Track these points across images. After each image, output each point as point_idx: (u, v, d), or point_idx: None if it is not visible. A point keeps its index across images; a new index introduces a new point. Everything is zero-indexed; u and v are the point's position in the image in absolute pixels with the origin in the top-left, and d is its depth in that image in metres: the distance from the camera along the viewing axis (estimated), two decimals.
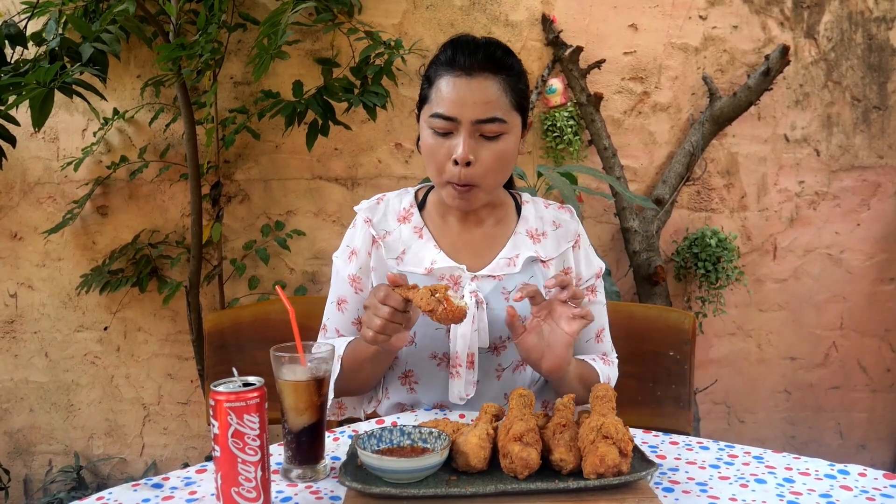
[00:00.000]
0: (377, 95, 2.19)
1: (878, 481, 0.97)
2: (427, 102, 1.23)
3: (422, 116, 1.26)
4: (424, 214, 1.35)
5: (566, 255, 1.34)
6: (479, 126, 1.19)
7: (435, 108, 1.20)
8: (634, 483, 0.90)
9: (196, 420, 2.63)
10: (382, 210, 1.35)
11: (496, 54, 1.21)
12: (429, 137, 1.22)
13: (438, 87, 1.20)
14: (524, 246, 1.31)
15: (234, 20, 2.32)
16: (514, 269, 1.29)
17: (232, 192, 2.54)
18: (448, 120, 1.19)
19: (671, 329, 1.61)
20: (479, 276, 1.28)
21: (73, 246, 2.56)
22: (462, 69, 1.18)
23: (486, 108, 1.18)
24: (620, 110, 2.53)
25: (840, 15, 2.50)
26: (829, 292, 2.63)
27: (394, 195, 1.38)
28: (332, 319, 1.36)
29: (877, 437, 2.71)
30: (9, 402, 2.64)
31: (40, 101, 1.87)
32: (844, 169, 2.58)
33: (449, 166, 1.20)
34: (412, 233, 1.32)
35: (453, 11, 2.46)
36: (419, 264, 1.28)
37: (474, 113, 1.18)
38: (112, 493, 0.93)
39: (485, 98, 1.18)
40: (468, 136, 1.18)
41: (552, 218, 1.37)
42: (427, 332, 1.26)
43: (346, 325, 1.35)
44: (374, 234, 1.32)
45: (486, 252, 1.31)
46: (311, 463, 0.98)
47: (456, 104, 1.18)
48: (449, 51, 1.22)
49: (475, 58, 1.18)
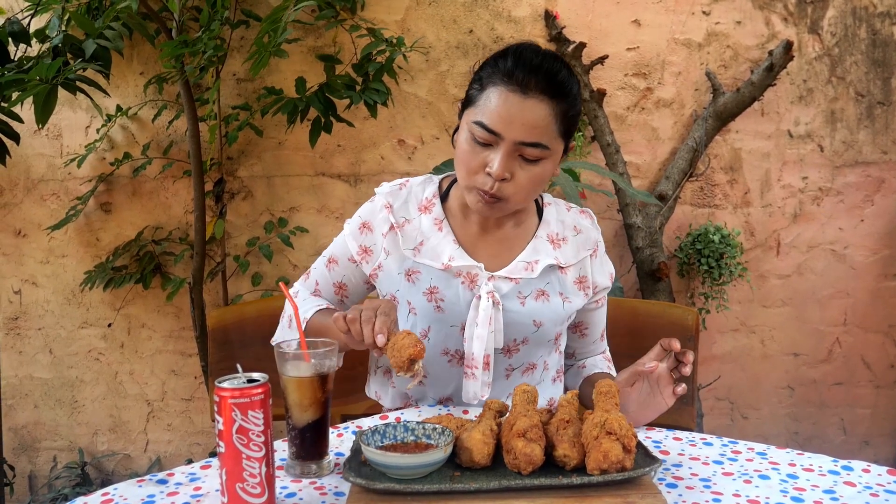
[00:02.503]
0: (378, 93, 2.19)
1: (881, 477, 0.97)
2: (473, 105, 1.18)
3: (464, 116, 1.20)
4: (446, 207, 1.32)
5: (584, 264, 1.33)
6: (521, 147, 1.14)
7: (480, 115, 1.15)
8: (638, 479, 0.90)
9: (200, 416, 2.64)
10: (404, 196, 1.32)
11: (557, 78, 1.14)
12: (466, 142, 1.18)
13: (489, 96, 1.15)
14: (544, 251, 1.29)
15: (236, 17, 2.32)
16: (531, 275, 1.26)
17: (235, 189, 2.54)
18: (491, 133, 1.14)
19: (674, 325, 1.61)
20: (497, 277, 1.25)
21: (77, 243, 2.57)
22: (518, 85, 1.12)
23: (533, 132, 1.13)
24: (623, 106, 2.52)
25: (844, 10, 2.49)
26: (832, 288, 2.63)
27: (417, 182, 1.34)
28: (318, 271, 1.37)
29: (880, 433, 2.71)
30: (13, 399, 2.65)
31: (44, 98, 1.87)
32: (848, 165, 2.57)
33: (481, 175, 1.17)
34: (432, 224, 1.29)
35: (456, 7, 2.46)
36: (436, 258, 1.26)
37: (520, 134, 1.13)
38: (117, 488, 0.93)
39: (534, 122, 1.13)
40: (507, 154, 1.14)
41: (573, 223, 1.34)
42: (441, 329, 1.25)
43: (328, 284, 1.36)
44: (393, 221, 1.29)
45: (504, 253, 1.29)
46: (315, 459, 0.98)
47: (503, 120, 1.13)
48: (510, 61, 1.15)
49: (535, 76, 1.12)
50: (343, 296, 1.37)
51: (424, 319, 1.26)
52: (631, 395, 1.13)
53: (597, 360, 1.43)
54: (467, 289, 1.25)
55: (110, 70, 2.13)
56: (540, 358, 1.32)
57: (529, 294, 1.26)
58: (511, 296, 1.25)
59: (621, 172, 2.46)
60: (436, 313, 1.25)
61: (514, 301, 1.25)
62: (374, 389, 1.40)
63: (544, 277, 1.28)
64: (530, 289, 1.27)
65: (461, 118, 1.23)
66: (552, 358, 1.35)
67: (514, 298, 1.25)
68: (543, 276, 1.28)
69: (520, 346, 1.27)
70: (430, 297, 1.25)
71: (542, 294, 1.27)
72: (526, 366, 1.31)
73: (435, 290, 1.25)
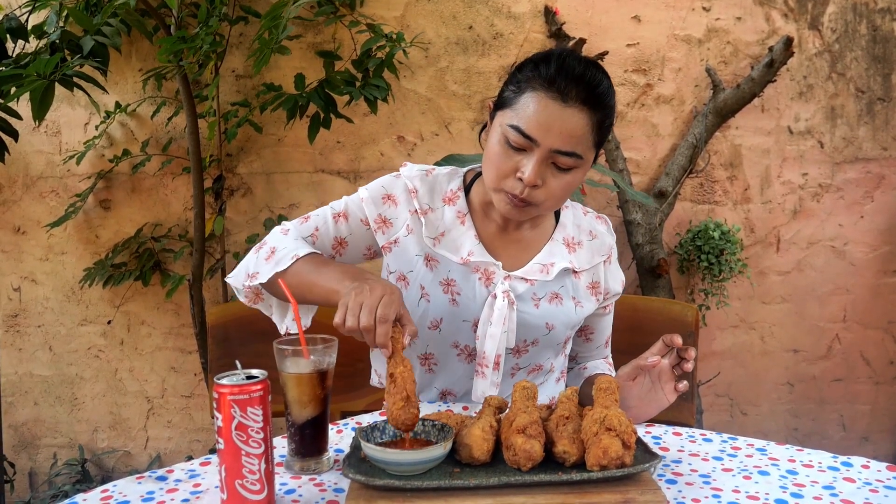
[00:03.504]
0: (378, 88, 2.18)
1: (881, 473, 0.97)
2: (509, 107, 1.15)
3: (498, 117, 1.18)
4: (469, 202, 1.31)
5: (597, 269, 1.33)
6: (556, 156, 1.13)
7: (517, 120, 1.13)
8: (637, 475, 0.90)
9: (200, 413, 2.64)
10: (430, 184, 1.30)
11: (598, 89, 1.13)
12: (498, 144, 1.16)
13: (527, 101, 1.12)
14: (559, 254, 1.29)
15: (235, 13, 2.32)
16: (547, 277, 1.26)
17: (234, 186, 2.54)
18: (527, 139, 1.12)
19: (674, 321, 1.61)
20: (513, 277, 1.25)
21: (76, 240, 2.57)
22: (559, 93, 1.11)
23: (570, 141, 1.12)
24: (623, 102, 2.52)
25: (844, 6, 2.49)
26: (832, 284, 2.63)
27: (443, 173, 1.32)
28: (320, 219, 1.29)
29: (880, 429, 2.71)
30: (13, 396, 2.65)
31: (40, 94, 1.86)
32: (848, 161, 2.57)
33: (511, 179, 1.15)
34: (455, 217, 1.28)
35: (455, 3, 2.45)
36: (456, 251, 1.25)
37: (556, 142, 1.11)
38: (116, 485, 0.93)
39: (571, 131, 1.11)
40: (541, 161, 1.13)
41: (589, 227, 1.34)
42: (453, 322, 1.25)
43: (328, 236, 1.28)
44: (417, 207, 1.27)
45: (521, 254, 1.29)
46: (315, 455, 0.98)
47: (541, 127, 1.11)
48: (552, 67, 1.12)
49: (577, 86, 1.11)
50: (339, 252, 1.31)
51: (438, 310, 1.25)
52: (632, 389, 1.13)
53: (598, 364, 1.43)
54: (483, 286, 1.24)
55: (108, 66, 2.12)
56: (547, 360, 1.32)
57: (544, 296, 1.26)
58: (526, 297, 1.25)
59: (621, 169, 2.45)
60: (450, 306, 1.24)
61: (529, 303, 1.25)
62: (378, 371, 1.38)
63: (559, 281, 1.28)
64: (545, 291, 1.27)
65: (493, 118, 1.20)
66: (558, 360, 1.36)
67: (529, 300, 1.25)
68: (558, 279, 1.28)
69: (529, 347, 1.27)
70: (447, 288, 1.24)
71: (555, 297, 1.27)
72: (532, 366, 1.31)
73: (452, 282, 1.24)
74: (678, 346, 1.09)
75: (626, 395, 1.13)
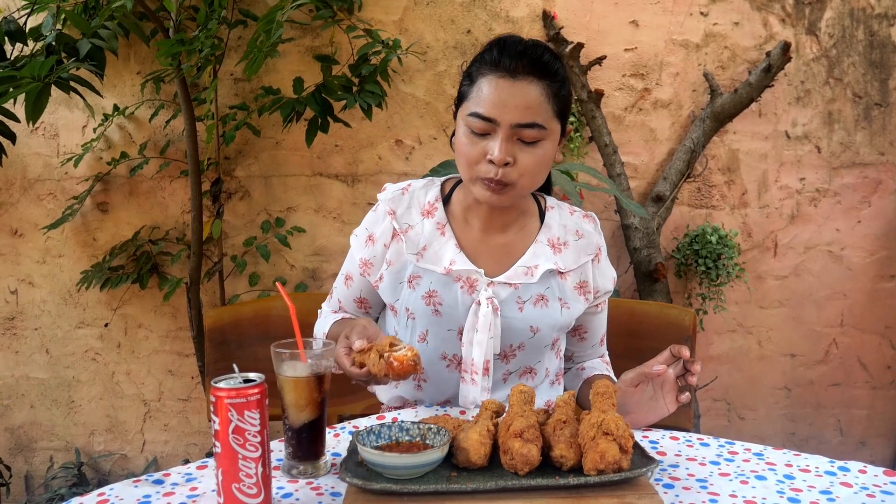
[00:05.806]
0: (373, 95, 2.18)
1: (878, 478, 0.97)
2: (466, 100, 1.20)
3: (459, 114, 1.22)
4: (448, 211, 1.32)
5: (585, 269, 1.32)
6: (518, 130, 1.16)
7: (474, 107, 1.17)
8: (635, 479, 0.90)
9: (197, 416, 2.64)
10: (407, 202, 1.32)
11: (543, 58, 1.17)
12: (464, 136, 1.19)
13: (480, 87, 1.17)
14: (543, 256, 1.29)
15: (234, 16, 2.32)
16: (531, 280, 1.26)
17: (232, 189, 2.54)
18: (486, 121, 1.15)
19: (671, 326, 1.61)
20: (496, 283, 1.25)
21: (74, 242, 2.56)
22: (506, 70, 1.15)
23: (527, 112, 1.15)
24: (621, 107, 2.52)
25: (841, 11, 2.50)
26: (829, 289, 2.63)
27: (420, 185, 1.35)
28: (339, 290, 1.40)
29: (877, 433, 2.71)
30: (10, 399, 2.64)
31: (35, 95, 1.86)
32: (845, 166, 2.57)
33: (483, 164, 1.18)
34: (434, 229, 1.29)
35: (454, 7, 2.46)
36: (438, 263, 1.26)
37: (514, 116, 1.15)
38: (113, 489, 0.93)
39: (526, 102, 1.15)
40: (506, 138, 1.15)
41: (575, 227, 1.34)
42: (438, 333, 1.26)
43: (349, 301, 1.39)
44: (396, 228, 1.29)
45: (504, 258, 1.29)
46: (312, 459, 0.98)
47: (496, 106, 1.15)
48: (494, 51, 1.18)
49: (521, 60, 1.15)
50: (366, 309, 1.39)
51: (422, 323, 1.26)
52: (633, 395, 1.13)
53: (595, 364, 1.43)
54: (466, 293, 1.25)
55: (104, 70, 2.12)
56: (538, 363, 1.32)
57: (528, 299, 1.26)
58: (510, 301, 1.25)
59: (619, 173, 2.46)
60: (433, 317, 1.25)
61: (513, 307, 1.25)
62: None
63: (544, 282, 1.28)
64: (529, 294, 1.26)
65: (456, 118, 1.24)
66: (552, 362, 1.35)
67: (513, 304, 1.25)
68: (543, 280, 1.27)
69: (516, 351, 1.28)
70: (429, 300, 1.25)
71: (541, 299, 1.27)
72: (523, 370, 1.31)
73: (434, 293, 1.25)
74: (685, 357, 1.10)
75: (626, 400, 1.13)
